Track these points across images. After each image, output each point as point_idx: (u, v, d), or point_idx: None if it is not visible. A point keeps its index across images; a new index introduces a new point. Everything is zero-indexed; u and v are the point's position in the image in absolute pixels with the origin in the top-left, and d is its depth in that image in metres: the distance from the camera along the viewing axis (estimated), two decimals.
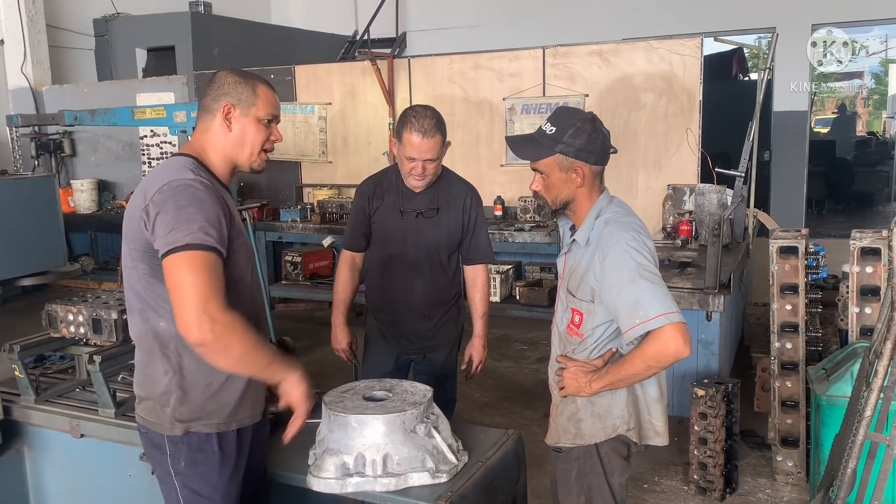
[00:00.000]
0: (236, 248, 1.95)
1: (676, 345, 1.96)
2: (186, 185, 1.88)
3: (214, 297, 1.81)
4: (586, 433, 2.25)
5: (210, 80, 2.07)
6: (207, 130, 2.04)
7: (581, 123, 2.13)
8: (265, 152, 2.08)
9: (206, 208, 1.86)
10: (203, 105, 2.05)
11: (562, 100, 6.48)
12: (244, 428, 2.07)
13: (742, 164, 4.43)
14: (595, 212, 2.18)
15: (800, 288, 3.55)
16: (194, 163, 1.99)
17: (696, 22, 8.80)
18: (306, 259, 6.93)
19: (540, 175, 2.19)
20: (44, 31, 8.48)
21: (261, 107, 2.03)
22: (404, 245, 2.94)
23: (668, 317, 1.97)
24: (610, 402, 2.22)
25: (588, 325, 2.19)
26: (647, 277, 2.02)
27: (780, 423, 3.65)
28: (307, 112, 7.55)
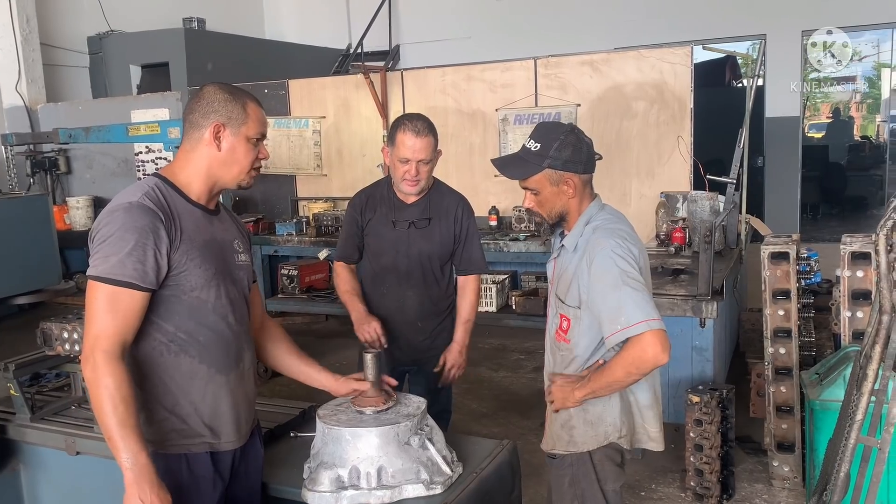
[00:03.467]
0: (188, 271, 1.91)
1: (655, 351, 2.00)
2: (125, 208, 1.84)
3: (107, 337, 1.80)
4: (579, 440, 2.27)
5: (197, 95, 2.00)
6: (193, 149, 1.98)
7: (564, 136, 2.15)
8: (254, 170, 2.05)
9: (135, 236, 1.81)
10: (190, 121, 1.98)
11: (554, 110, 6.52)
12: (223, 452, 2.03)
13: (733, 171, 4.45)
14: (585, 218, 2.21)
15: (792, 293, 3.57)
16: (160, 183, 1.94)
17: (686, 30, 8.86)
18: (302, 272, 6.93)
19: (531, 192, 2.21)
20: (38, 50, 8.53)
21: (251, 126, 1.99)
22: (397, 256, 2.96)
23: (648, 324, 2.00)
24: (602, 410, 2.24)
25: (575, 331, 2.22)
26: (629, 284, 2.04)
27: (776, 429, 3.66)
28: (301, 126, 7.58)
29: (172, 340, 1.93)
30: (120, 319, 1.81)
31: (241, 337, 2.08)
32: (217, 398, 2.00)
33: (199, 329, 1.95)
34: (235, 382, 2.05)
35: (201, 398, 1.97)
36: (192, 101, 2.00)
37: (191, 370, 1.96)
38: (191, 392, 1.96)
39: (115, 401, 1.77)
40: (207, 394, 1.98)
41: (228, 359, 2.03)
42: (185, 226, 1.92)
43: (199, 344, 1.96)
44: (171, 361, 1.94)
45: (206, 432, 1.99)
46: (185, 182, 1.98)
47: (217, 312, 1.98)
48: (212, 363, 1.99)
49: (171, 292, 1.91)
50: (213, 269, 1.96)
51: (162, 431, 1.95)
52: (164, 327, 1.92)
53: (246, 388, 2.11)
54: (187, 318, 1.94)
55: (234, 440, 2.06)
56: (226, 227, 2.09)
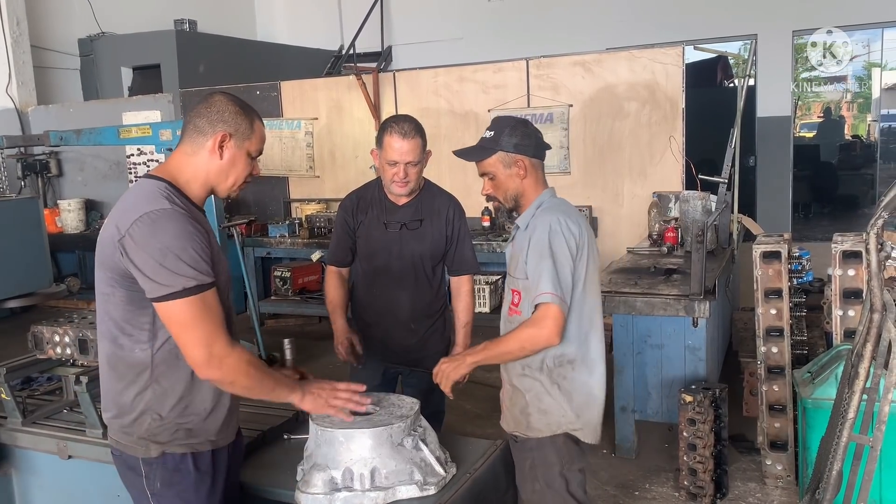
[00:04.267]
0: (217, 272, 1.95)
1: (549, 332, 2.21)
2: (167, 216, 1.86)
3: (218, 338, 1.87)
4: (535, 426, 2.39)
5: (206, 101, 2.02)
6: (194, 154, 2.00)
7: (514, 123, 2.40)
8: (245, 182, 2.09)
9: (190, 242, 1.85)
10: (195, 125, 1.99)
11: (546, 110, 6.53)
12: (220, 448, 2.08)
13: (724, 171, 4.46)
14: (538, 202, 2.41)
15: (784, 292, 3.59)
16: (168, 188, 1.96)
17: (677, 30, 8.89)
18: (295, 274, 6.93)
19: (488, 178, 2.41)
20: (28, 52, 8.47)
21: (254, 142, 2.04)
22: (389, 258, 2.96)
23: (553, 297, 2.20)
24: (550, 402, 2.37)
25: (525, 302, 2.35)
26: (554, 257, 2.24)
27: (769, 427, 3.67)
28: (294, 127, 7.57)
29: None
30: (214, 318, 1.88)
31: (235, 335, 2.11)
32: (217, 399, 2.05)
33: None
34: None
35: (207, 399, 2.02)
36: (200, 106, 2.01)
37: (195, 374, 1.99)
38: (198, 394, 2.00)
39: (258, 374, 1.95)
40: (209, 396, 2.03)
41: None
42: (206, 229, 1.97)
43: None
44: (182, 365, 1.96)
45: (211, 431, 2.04)
46: (185, 186, 2.01)
47: (227, 303, 2.04)
48: None
49: None
50: (224, 275, 2.03)
51: (171, 431, 1.98)
52: None
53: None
54: None
55: (228, 437, 2.12)
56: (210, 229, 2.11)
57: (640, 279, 4.18)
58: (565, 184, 6.56)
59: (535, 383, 2.37)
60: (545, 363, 2.35)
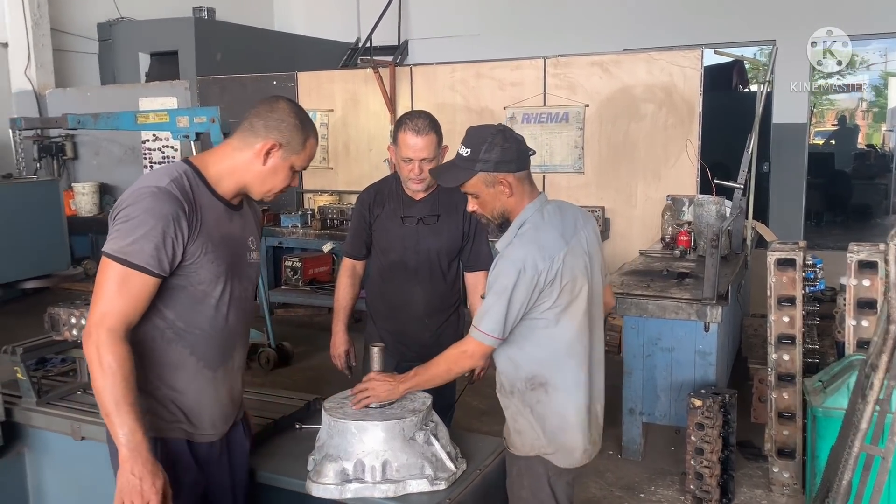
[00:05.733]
0: (200, 264, 1.92)
1: (474, 360, 2.24)
2: (152, 192, 1.85)
3: (113, 315, 1.81)
4: (514, 445, 2.32)
5: (270, 104, 2.00)
6: (240, 150, 1.99)
7: (491, 138, 2.17)
8: (281, 192, 2.09)
9: (153, 221, 1.82)
10: (251, 124, 1.98)
11: (562, 109, 6.52)
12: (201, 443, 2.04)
13: (741, 176, 4.45)
14: (520, 221, 2.23)
15: (797, 300, 3.58)
16: (189, 172, 1.95)
17: (696, 33, 8.85)
18: (306, 265, 6.94)
19: (472, 196, 2.25)
20: (48, 35, 8.53)
21: (302, 158, 2.03)
22: (405, 252, 2.96)
23: (484, 336, 2.16)
24: (524, 423, 2.28)
25: None
26: (503, 297, 2.12)
27: (777, 435, 3.67)
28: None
29: (169, 328, 1.95)
30: (128, 300, 1.83)
31: (236, 335, 2.09)
32: (200, 392, 2.01)
33: (196, 322, 1.97)
34: (221, 378, 2.06)
35: (184, 388, 1.99)
36: (263, 107, 2.00)
37: (179, 360, 1.97)
38: (174, 381, 1.97)
39: (115, 378, 1.79)
40: (191, 386, 2.00)
41: (219, 355, 2.04)
42: (205, 218, 1.93)
43: (194, 336, 1.98)
44: (163, 348, 1.95)
45: (183, 419, 2.00)
46: (215, 176, 1.99)
47: (218, 308, 2.00)
48: (201, 357, 2.00)
49: (178, 282, 1.92)
50: (224, 266, 1.98)
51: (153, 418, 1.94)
52: (165, 313, 1.94)
53: (232, 384, 2.12)
54: (188, 309, 1.95)
55: (214, 433, 2.07)
56: (245, 223, 2.10)
57: (652, 282, 4.18)
58: (579, 184, 6.56)
59: (511, 405, 2.31)
60: (516, 386, 2.27)
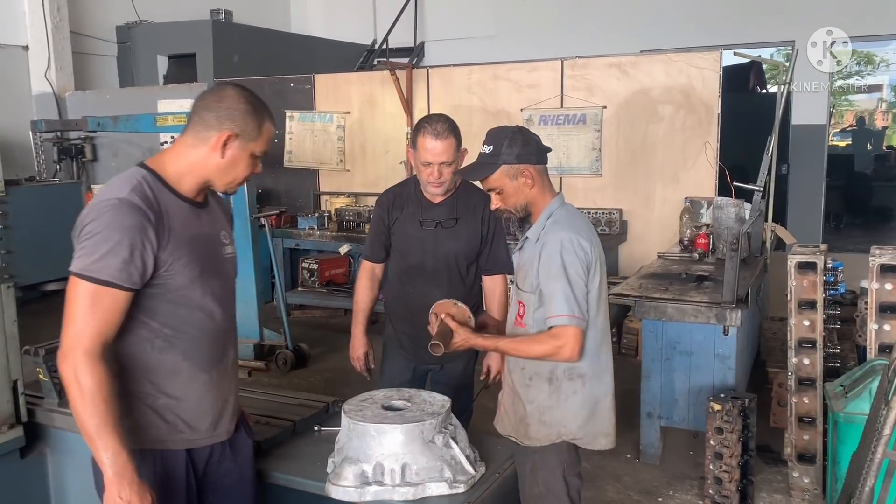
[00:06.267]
0: (174, 270, 1.87)
1: (572, 351, 2.23)
2: (113, 206, 1.78)
3: (88, 336, 1.76)
4: (533, 436, 2.39)
5: (218, 94, 1.93)
6: (194, 146, 1.92)
7: (512, 134, 2.36)
8: (244, 181, 2.02)
9: (118, 236, 1.76)
10: (203, 118, 1.91)
11: (579, 111, 6.51)
12: (200, 448, 2.01)
13: (760, 179, 4.41)
14: (548, 212, 2.39)
15: (818, 304, 3.54)
16: (149, 177, 1.88)
17: (714, 35, 8.79)
18: (323, 266, 6.97)
19: (496, 193, 2.39)
20: (68, 38, 8.61)
21: (260, 143, 1.95)
22: (423, 255, 2.97)
23: (570, 318, 2.22)
24: (561, 416, 2.36)
25: (529, 315, 2.36)
26: (567, 277, 2.24)
27: (797, 440, 3.63)
28: (326, 121, 7.61)
29: (157, 336, 1.91)
30: (101, 318, 1.78)
31: (226, 333, 2.06)
32: (199, 396, 1.98)
33: (184, 326, 1.93)
34: (218, 379, 2.03)
35: (182, 395, 1.95)
36: (210, 98, 1.93)
37: (174, 367, 1.94)
38: (172, 388, 1.94)
39: (95, 401, 1.74)
40: (189, 391, 1.96)
41: (212, 356, 2.01)
42: (172, 223, 1.87)
43: (184, 341, 1.94)
44: (155, 358, 1.91)
45: (185, 429, 1.97)
46: (174, 176, 1.93)
47: (203, 310, 1.96)
48: (195, 360, 1.96)
49: (156, 290, 1.88)
50: (199, 267, 1.92)
51: (138, 427, 1.91)
52: (150, 324, 1.90)
53: (228, 384, 2.09)
54: (172, 316, 1.91)
55: (214, 436, 2.04)
56: (213, 218, 2.04)
57: (670, 285, 4.16)
58: (596, 186, 6.54)
59: (541, 394, 2.37)
60: (555, 374, 2.34)
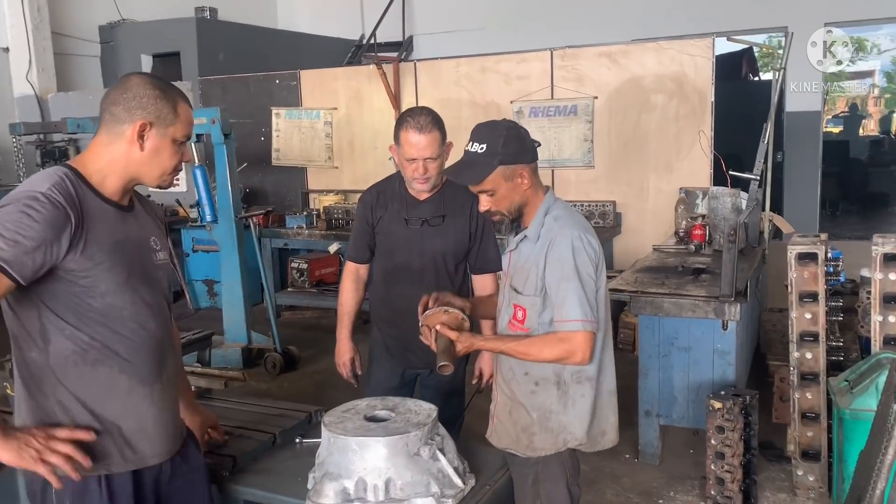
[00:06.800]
0: (95, 275, 1.75)
1: (584, 356, 2.12)
2: (31, 197, 1.67)
3: None
4: (538, 446, 2.27)
5: (121, 85, 1.81)
6: (110, 143, 1.81)
7: (507, 131, 2.21)
8: (175, 171, 1.90)
9: (26, 227, 1.64)
10: (112, 112, 1.80)
11: (570, 102, 6.38)
12: (149, 468, 1.90)
13: (757, 167, 4.29)
14: (544, 209, 2.26)
15: (820, 296, 3.43)
16: (71, 175, 1.76)
17: (705, 22, 8.66)
18: (312, 266, 6.85)
19: (486, 194, 2.23)
20: (49, 39, 8.46)
21: (179, 127, 1.84)
22: (409, 255, 2.84)
23: (583, 324, 2.11)
24: (568, 421, 2.25)
25: (533, 319, 2.23)
26: (580, 279, 2.13)
27: (801, 436, 3.53)
28: (313, 117, 7.48)
29: (88, 349, 1.78)
30: None
31: (163, 344, 1.94)
32: (139, 411, 1.86)
33: (115, 337, 1.81)
34: (159, 393, 1.92)
35: (121, 412, 1.83)
36: (115, 91, 1.81)
37: (109, 382, 1.81)
38: (109, 406, 1.82)
39: None
40: (128, 407, 1.84)
41: (151, 369, 1.89)
42: (92, 226, 1.75)
43: (118, 354, 1.82)
44: (88, 372, 1.79)
45: (128, 451, 1.85)
46: (97, 177, 1.81)
47: (134, 319, 1.84)
48: (133, 374, 1.84)
49: (78, 299, 1.75)
50: (125, 273, 1.80)
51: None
52: (78, 335, 1.77)
53: (170, 398, 1.98)
54: (101, 326, 1.79)
55: (161, 453, 1.92)
56: (141, 223, 1.92)
57: (667, 279, 4.04)
58: (589, 178, 6.42)
59: (547, 400, 2.25)
60: (563, 377, 2.23)
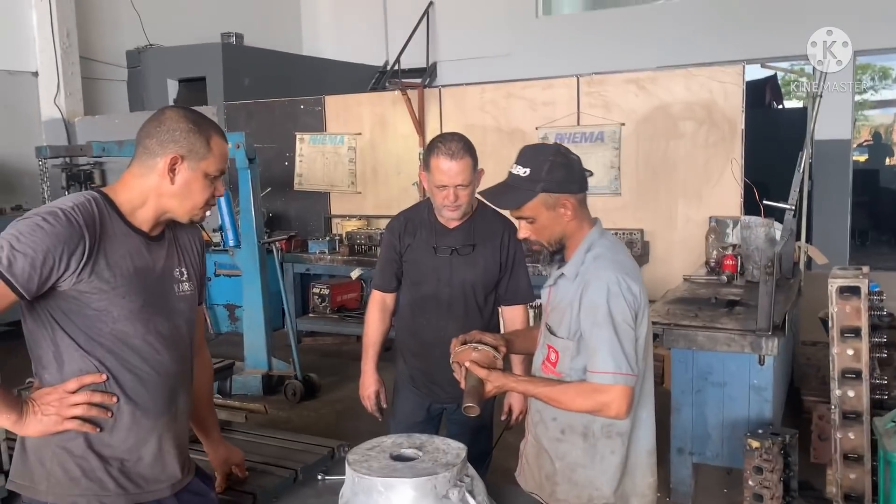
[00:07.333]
0: (110, 301, 1.72)
1: (619, 410, 1.97)
2: (50, 212, 1.64)
3: None
4: (560, 497, 2.14)
5: (156, 118, 1.80)
6: (143, 176, 1.78)
7: (554, 157, 2.05)
8: (208, 205, 1.85)
9: (40, 239, 1.60)
10: (145, 145, 1.78)
11: (597, 129, 6.31)
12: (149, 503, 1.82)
13: (792, 196, 4.17)
14: (586, 245, 2.09)
15: (863, 331, 3.29)
16: (100, 200, 1.74)
17: (730, 49, 8.58)
18: (334, 291, 6.79)
19: (526, 221, 2.09)
20: (77, 63, 8.56)
21: (212, 162, 1.80)
22: (438, 284, 2.75)
23: (615, 377, 1.95)
24: (594, 476, 2.10)
25: (565, 363, 2.09)
26: (613, 327, 1.96)
27: (843, 478, 3.36)
28: (337, 142, 7.46)
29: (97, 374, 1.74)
30: None
31: (176, 376, 1.87)
32: (142, 444, 1.81)
33: (123, 367, 1.76)
34: (166, 426, 1.85)
35: (122, 444, 1.78)
36: (150, 124, 1.80)
37: (113, 409, 1.76)
38: (110, 437, 1.77)
39: None
40: (130, 440, 1.79)
41: (158, 401, 1.83)
42: (110, 250, 1.72)
43: (123, 384, 1.77)
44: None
45: (128, 484, 1.78)
46: (127, 207, 1.78)
47: (144, 350, 1.79)
48: (138, 405, 1.79)
49: (91, 322, 1.72)
50: (139, 301, 1.76)
51: (69, 482, 1.73)
52: (88, 360, 1.73)
53: (178, 431, 1.91)
54: (109, 353, 1.74)
55: (164, 488, 1.85)
56: (168, 253, 1.88)
57: (700, 311, 3.91)
58: (616, 206, 6.31)
59: (573, 451, 2.11)
60: (591, 429, 2.09)
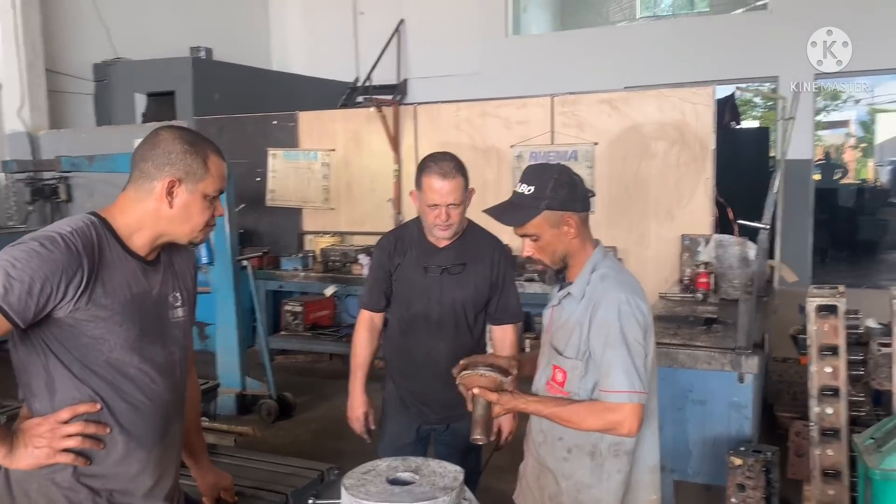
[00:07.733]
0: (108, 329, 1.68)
1: (630, 428, 1.98)
2: (48, 237, 1.61)
3: None
4: None
5: (151, 140, 1.74)
6: (140, 200, 1.73)
7: (558, 175, 2.08)
8: (208, 226, 1.81)
9: (37, 265, 1.56)
10: (141, 169, 1.72)
11: (570, 148, 6.37)
12: None
13: (766, 216, 4.26)
14: (591, 265, 2.12)
15: (840, 349, 3.36)
16: (98, 224, 1.70)
17: (699, 71, 8.79)
18: (307, 309, 6.71)
19: (529, 239, 2.11)
20: (43, 76, 8.40)
21: (210, 182, 1.76)
22: (428, 304, 2.74)
23: (629, 395, 1.97)
24: (592, 495, 2.09)
25: (573, 383, 2.09)
26: (626, 346, 1.98)
27: (821, 495, 3.41)
28: (310, 158, 7.41)
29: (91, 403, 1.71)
30: None
31: (168, 406, 1.84)
32: (132, 475, 1.77)
33: (118, 395, 1.72)
34: (157, 456, 1.81)
35: (113, 475, 1.75)
36: (144, 146, 1.74)
37: (106, 439, 1.73)
38: (101, 467, 1.73)
39: None
40: (121, 471, 1.76)
41: (152, 431, 1.80)
42: (108, 277, 1.68)
43: (117, 415, 1.73)
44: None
45: None
46: (125, 230, 1.74)
47: (139, 378, 1.76)
48: (131, 435, 1.76)
49: (86, 349, 1.68)
50: (136, 329, 1.74)
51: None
52: (82, 389, 1.70)
53: (170, 460, 1.88)
54: (104, 382, 1.71)
55: None
56: (164, 278, 1.84)
57: (678, 329, 3.96)
58: (589, 224, 6.38)
59: (580, 470, 2.11)
60: (599, 448, 2.08)
